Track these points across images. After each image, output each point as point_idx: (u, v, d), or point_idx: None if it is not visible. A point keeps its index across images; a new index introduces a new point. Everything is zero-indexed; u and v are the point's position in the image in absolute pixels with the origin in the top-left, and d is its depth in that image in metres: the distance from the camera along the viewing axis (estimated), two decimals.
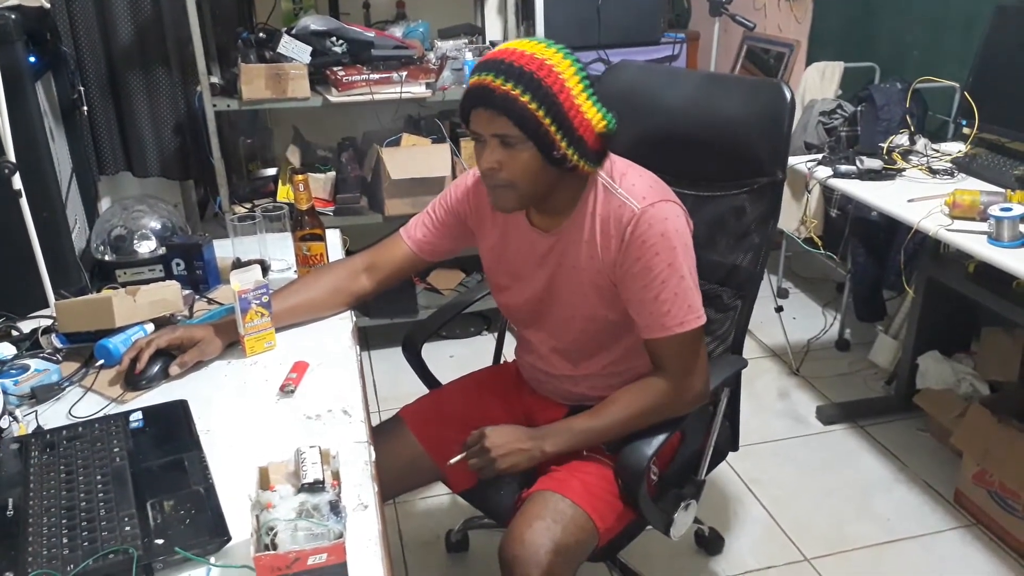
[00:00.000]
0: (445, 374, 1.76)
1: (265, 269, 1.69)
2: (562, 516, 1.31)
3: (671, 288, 1.29)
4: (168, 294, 1.49)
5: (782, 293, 3.36)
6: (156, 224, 1.72)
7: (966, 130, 2.27)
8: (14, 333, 1.47)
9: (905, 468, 2.35)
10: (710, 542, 2.06)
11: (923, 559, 2.03)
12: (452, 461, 1.40)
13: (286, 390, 1.30)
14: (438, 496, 2.26)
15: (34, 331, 1.46)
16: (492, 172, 1.28)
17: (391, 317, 2.91)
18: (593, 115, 1.26)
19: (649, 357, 1.38)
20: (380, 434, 1.55)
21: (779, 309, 2.91)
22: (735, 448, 1.73)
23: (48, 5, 1.42)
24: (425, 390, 1.74)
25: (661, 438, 1.35)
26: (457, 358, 2.92)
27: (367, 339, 3.04)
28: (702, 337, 1.37)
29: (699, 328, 1.33)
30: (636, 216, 1.29)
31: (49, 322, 1.48)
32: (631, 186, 1.33)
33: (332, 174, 2.81)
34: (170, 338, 1.37)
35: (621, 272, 1.33)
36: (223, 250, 1.75)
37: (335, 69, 2.63)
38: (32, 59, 1.60)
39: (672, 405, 1.37)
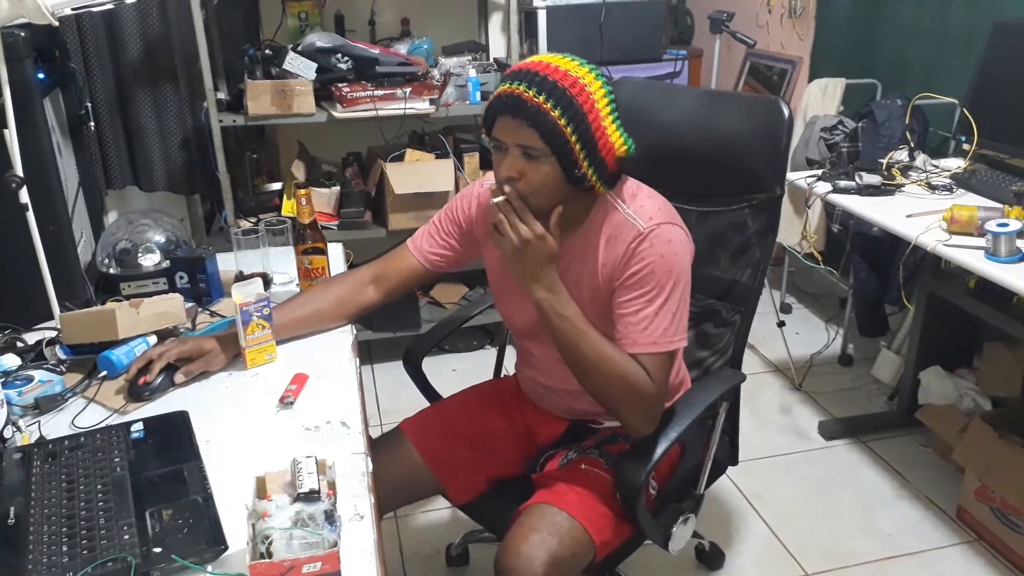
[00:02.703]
0: (448, 388, 1.77)
1: (267, 282, 1.71)
2: (558, 529, 1.32)
3: (654, 308, 1.29)
4: (171, 307, 1.51)
5: (785, 308, 3.36)
6: (160, 238, 1.74)
7: (965, 146, 2.28)
8: (19, 344, 1.49)
9: (907, 484, 2.35)
10: (711, 557, 2.06)
11: (924, 575, 2.02)
12: (495, 200, 1.27)
13: (285, 402, 1.31)
14: (439, 510, 2.26)
15: (39, 343, 1.48)
16: (510, 181, 1.28)
17: (394, 331, 2.93)
18: (616, 138, 1.28)
19: None
20: (380, 446, 1.55)
21: (781, 324, 2.91)
22: (735, 462, 1.73)
23: (56, 23, 1.44)
24: (427, 403, 1.75)
25: (659, 452, 1.35)
26: (460, 372, 2.93)
27: (370, 353, 3.06)
28: (672, 365, 1.35)
29: (671, 352, 1.32)
30: (641, 235, 1.31)
31: (53, 334, 1.50)
32: (640, 207, 1.34)
33: (337, 189, 2.83)
34: (180, 351, 1.38)
35: (616, 285, 1.33)
36: (227, 263, 1.77)
37: (340, 85, 2.66)
38: (41, 75, 1.63)
39: (633, 398, 1.30)
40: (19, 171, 1.42)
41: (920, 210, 2.04)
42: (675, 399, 1.51)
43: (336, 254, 1.88)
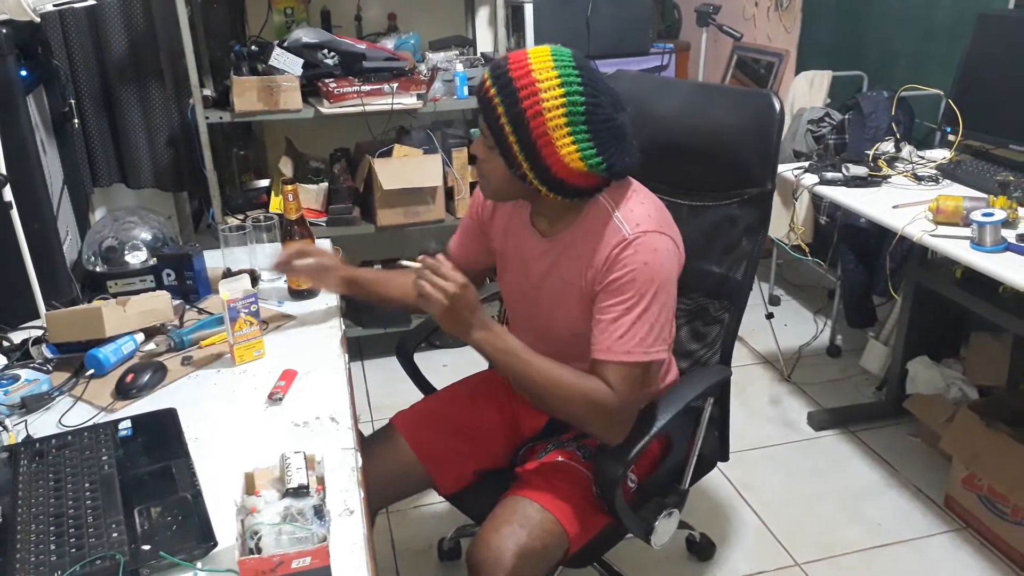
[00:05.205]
0: (438, 383, 1.77)
1: (255, 279, 1.71)
2: (529, 521, 1.32)
3: (633, 316, 1.27)
4: (158, 304, 1.50)
5: (773, 300, 3.38)
6: (147, 235, 1.73)
7: (951, 137, 2.30)
8: (5, 344, 1.48)
9: (896, 473, 2.36)
10: (701, 548, 2.06)
11: (914, 563, 2.04)
12: (405, 263, 1.33)
13: (274, 398, 1.31)
14: (430, 505, 2.26)
15: (25, 341, 1.47)
16: (478, 161, 1.33)
17: (384, 326, 2.92)
18: (568, 152, 1.22)
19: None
20: (373, 443, 1.56)
21: (770, 316, 2.92)
22: (725, 458, 1.73)
23: (38, 19, 1.43)
24: (419, 397, 1.75)
25: (638, 446, 1.34)
26: (451, 367, 2.92)
27: (361, 348, 3.06)
28: (646, 375, 1.32)
29: (644, 364, 1.29)
30: (626, 240, 1.29)
31: (40, 332, 1.50)
32: (630, 211, 1.32)
33: (325, 185, 2.82)
34: (310, 251, 1.55)
35: (598, 289, 1.32)
36: (214, 260, 1.76)
37: (327, 81, 2.65)
38: (23, 73, 1.61)
39: (596, 413, 1.30)
40: (2, 169, 1.41)
41: (906, 201, 2.05)
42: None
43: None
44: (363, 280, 1.61)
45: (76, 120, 1.99)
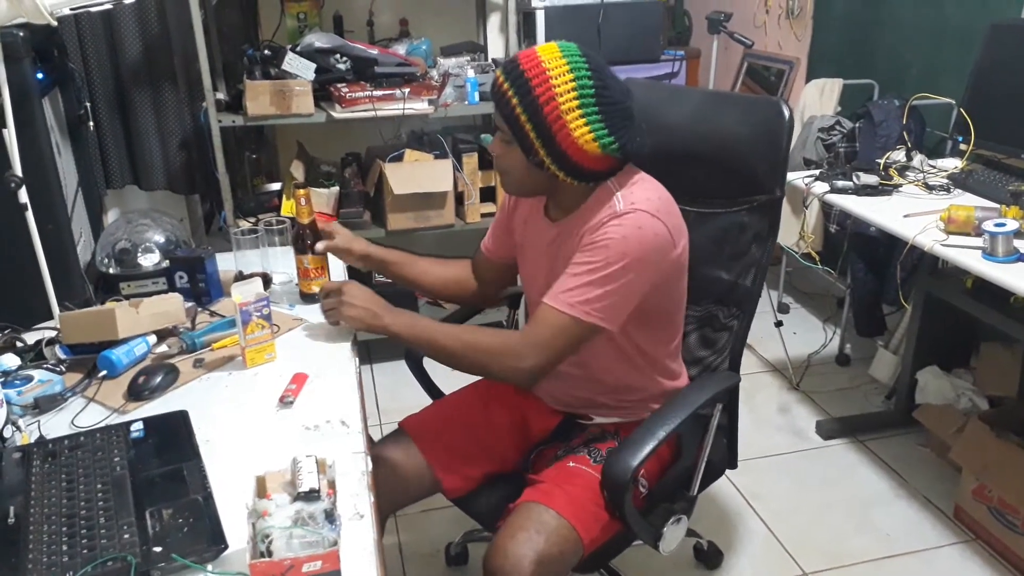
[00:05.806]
0: (447, 388, 1.77)
1: (267, 282, 1.72)
2: (545, 527, 1.33)
3: (591, 276, 1.30)
4: (170, 306, 1.51)
5: (783, 308, 3.37)
6: (160, 238, 1.74)
7: (963, 146, 2.29)
8: (19, 344, 1.49)
9: (905, 483, 2.35)
10: (709, 556, 2.06)
11: (922, 574, 2.03)
12: (315, 289, 1.58)
13: (285, 401, 1.31)
14: (439, 509, 2.26)
15: (38, 342, 1.48)
16: (495, 159, 1.40)
17: None
18: (582, 134, 1.28)
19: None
20: (383, 448, 1.57)
21: (779, 324, 2.92)
22: (733, 466, 1.72)
23: (55, 23, 1.44)
24: (427, 402, 1.75)
25: (647, 450, 1.34)
26: (458, 372, 2.92)
27: (369, 352, 3.06)
28: (577, 336, 1.33)
29: (580, 321, 1.31)
30: (617, 214, 1.32)
31: (53, 333, 1.50)
32: (631, 193, 1.36)
33: (336, 189, 2.83)
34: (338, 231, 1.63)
35: (577, 251, 1.35)
36: (226, 263, 1.77)
37: (339, 86, 2.66)
38: (40, 75, 1.63)
39: (503, 357, 1.35)
40: (18, 171, 1.42)
41: (917, 210, 2.04)
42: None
43: None
44: (379, 258, 1.66)
45: (91, 122, 2.00)
